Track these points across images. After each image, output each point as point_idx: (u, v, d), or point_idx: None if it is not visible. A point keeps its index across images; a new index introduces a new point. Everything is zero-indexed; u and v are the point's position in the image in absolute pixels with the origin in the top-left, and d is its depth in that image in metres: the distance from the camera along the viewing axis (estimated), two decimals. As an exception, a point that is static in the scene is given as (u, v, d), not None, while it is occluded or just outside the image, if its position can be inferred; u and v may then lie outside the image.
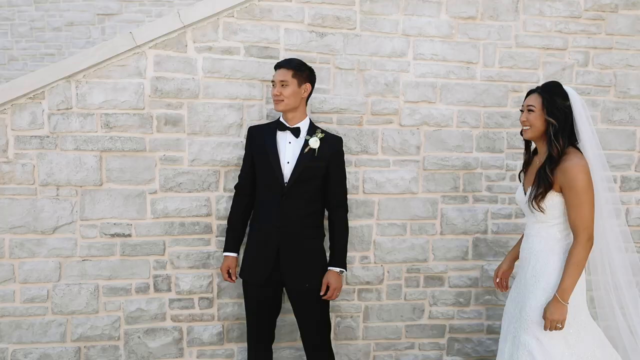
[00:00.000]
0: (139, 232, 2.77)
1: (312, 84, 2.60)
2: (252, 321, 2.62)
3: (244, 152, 2.70)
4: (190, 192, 2.81)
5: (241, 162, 2.80)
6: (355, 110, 2.94)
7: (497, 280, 2.60)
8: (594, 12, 3.11)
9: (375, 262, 3.04)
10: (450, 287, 3.12)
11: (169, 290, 2.83)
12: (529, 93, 2.36)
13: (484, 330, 3.17)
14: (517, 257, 2.56)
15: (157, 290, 2.82)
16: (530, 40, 3.06)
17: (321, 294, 2.55)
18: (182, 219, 2.81)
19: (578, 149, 2.25)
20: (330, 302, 2.71)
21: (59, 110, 2.66)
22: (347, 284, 3.01)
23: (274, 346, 2.75)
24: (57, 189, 2.68)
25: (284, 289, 2.63)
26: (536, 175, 2.27)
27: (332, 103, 2.91)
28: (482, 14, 3.02)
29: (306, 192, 2.54)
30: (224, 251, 2.67)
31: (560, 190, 2.22)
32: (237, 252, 2.68)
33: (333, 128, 2.89)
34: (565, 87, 2.31)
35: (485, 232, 3.11)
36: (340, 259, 2.60)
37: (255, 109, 2.84)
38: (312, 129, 2.59)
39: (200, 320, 2.88)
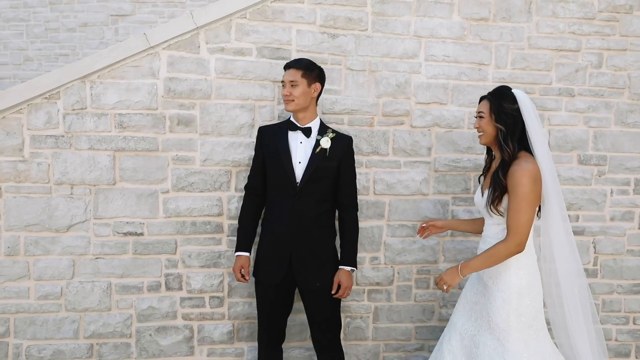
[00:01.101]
0: (151, 231, 2.80)
1: (322, 83, 2.61)
2: (263, 321, 2.64)
3: (254, 152, 2.71)
4: (202, 191, 2.83)
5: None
6: (367, 112, 2.94)
7: (424, 226, 2.65)
8: (608, 13, 3.08)
9: (385, 263, 3.04)
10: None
11: (180, 288, 2.86)
12: (481, 99, 2.39)
13: (495, 333, 3.15)
14: (455, 227, 2.67)
15: (168, 288, 2.85)
16: (543, 41, 3.05)
17: (332, 292, 2.56)
18: (194, 219, 2.84)
19: (531, 152, 2.26)
20: (341, 302, 2.72)
21: (73, 110, 2.70)
22: (357, 284, 3.02)
23: (283, 346, 2.77)
24: (72, 188, 2.72)
25: (296, 288, 2.65)
26: (491, 180, 2.31)
27: (344, 104, 2.92)
28: (495, 15, 3.01)
29: (317, 192, 2.54)
30: (236, 251, 2.68)
31: None
32: (249, 251, 2.69)
33: (344, 129, 2.89)
34: (514, 90, 2.31)
35: (496, 234, 3.10)
36: (350, 258, 2.60)
37: (267, 110, 2.86)
38: (323, 129, 2.60)
39: (210, 319, 2.90)
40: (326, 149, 2.53)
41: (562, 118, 3.10)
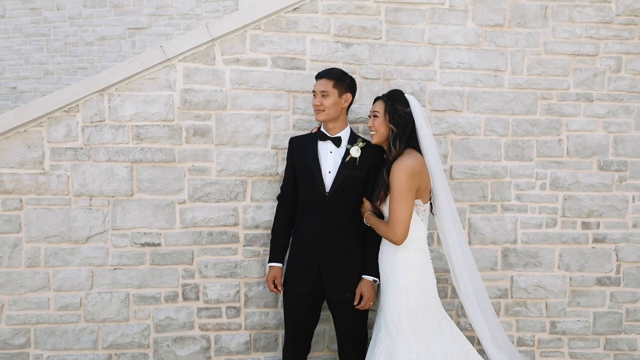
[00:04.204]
0: (168, 241, 2.82)
1: (353, 93, 2.61)
2: (290, 331, 2.62)
3: (286, 162, 2.71)
4: (218, 202, 2.84)
5: (268, 172, 2.84)
6: (382, 120, 2.93)
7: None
8: (626, 16, 3.04)
9: (402, 272, 3.01)
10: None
11: (197, 299, 2.87)
12: (376, 100, 2.56)
13: (514, 342, 3.10)
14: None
15: (185, 299, 2.86)
16: (559, 46, 3.01)
17: (354, 303, 2.53)
18: (210, 229, 2.85)
19: (419, 150, 2.46)
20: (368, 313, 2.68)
21: (92, 122, 2.74)
22: (374, 294, 2.99)
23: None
24: (90, 199, 2.75)
25: (324, 299, 2.63)
26: (377, 180, 2.47)
27: (359, 113, 2.91)
28: (510, 21, 2.98)
29: (347, 202, 2.54)
30: (269, 262, 2.68)
31: None
32: (282, 262, 2.69)
33: (359, 138, 2.89)
34: (406, 95, 2.51)
35: (514, 242, 3.05)
36: (374, 268, 2.56)
37: (282, 120, 2.87)
38: (353, 138, 2.59)
39: (227, 329, 2.90)
40: (356, 158, 2.52)
41: (581, 123, 3.05)
